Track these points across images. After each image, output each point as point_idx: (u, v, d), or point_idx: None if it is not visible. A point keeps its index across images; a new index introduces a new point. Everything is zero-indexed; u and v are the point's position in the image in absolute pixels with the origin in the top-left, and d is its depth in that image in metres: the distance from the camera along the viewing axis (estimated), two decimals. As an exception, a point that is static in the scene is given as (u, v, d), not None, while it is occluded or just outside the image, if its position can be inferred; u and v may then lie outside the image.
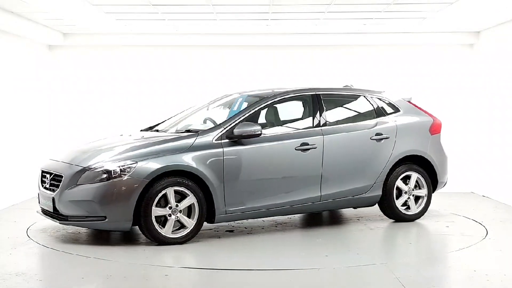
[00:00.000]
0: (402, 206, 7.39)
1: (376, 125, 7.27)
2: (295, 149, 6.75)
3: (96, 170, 6.09)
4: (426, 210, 7.54)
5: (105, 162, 6.16)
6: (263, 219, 7.55)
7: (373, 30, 10.29)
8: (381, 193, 7.22)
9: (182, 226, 6.28)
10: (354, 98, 7.54)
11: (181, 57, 10.84)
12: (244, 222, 7.43)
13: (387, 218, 7.54)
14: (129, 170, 6.05)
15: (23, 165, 9.48)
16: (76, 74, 10.79)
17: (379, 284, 5.00)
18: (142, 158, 6.13)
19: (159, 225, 6.16)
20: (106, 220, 6.01)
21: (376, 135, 7.21)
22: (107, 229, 6.31)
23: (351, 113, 7.78)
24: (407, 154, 7.36)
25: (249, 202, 6.54)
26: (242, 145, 6.53)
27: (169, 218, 6.18)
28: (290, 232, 6.96)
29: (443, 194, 8.94)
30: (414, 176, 7.42)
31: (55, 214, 6.32)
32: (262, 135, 6.64)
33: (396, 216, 7.38)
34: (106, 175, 6.04)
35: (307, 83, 9.62)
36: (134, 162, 6.09)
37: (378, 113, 7.41)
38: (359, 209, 8.15)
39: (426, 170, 7.53)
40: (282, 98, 7.07)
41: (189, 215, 6.28)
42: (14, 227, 7.16)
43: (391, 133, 7.29)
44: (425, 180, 7.48)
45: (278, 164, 6.70)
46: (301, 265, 5.48)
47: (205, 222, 6.47)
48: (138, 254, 6.00)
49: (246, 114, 6.74)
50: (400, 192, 7.37)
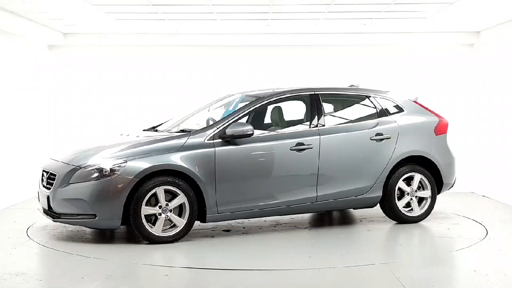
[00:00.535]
0: (405, 207, 7.27)
1: (377, 125, 7.20)
2: (290, 149, 6.73)
3: (87, 169, 6.20)
4: (430, 212, 7.39)
5: (96, 161, 6.26)
6: (265, 219, 7.55)
7: (373, 30, 10.29)
8: (381, 194, 7.13)
9: (174, 225, 6.32)
10: (355, 98, 7.49)
11: (181, 57, 10.83)
12: (243, 222, 7.42)
13: (390, 219, 7.46)
14: (118, 169, 6.13)
15: (23, 165, 9.48)
16: (76, 74, 10.78)
17: (379, 284, 5.00)
18: (132, 158, 6.21)
19: (150, 224, 6.21)
20: (96, 218, 6.11)
21: (376, 135, 7.13)
22: (98, 227, 6.39)
23: (351, 113, 7.75)
24: (410, 155, 7.24)
25: (241, 202, 6.54)
26: (235, 145, 6.54)
27: (159, 217, 6.23)
28: (289, 232, 6.96)
29: (443, 194, 8.92)
30: (417, 177, 7.29)
31: (50, 212, 6.42)
32: (257, 135, 6.67)
33: (397, 217, 7.27)
34: (97, 174, 6.14)
35: (307, 83, 9.62)
36: (124, 161, 6.17)
37: (380, 113, 7.33)
38: (363, 210, 8.08)
39: (431, 171, 7.40)
40: (278, 98, 7.05)
41: (180, 214, 6.32)
42: (14, 227, 7.16)
43: (393, 133, 7.20)
44: (429, 181, 7.34)
45: (271, 164, 6.67)
46: (301, 265, 5.48)
47: (201, 222, 6.51)
48: (138, 254, 6.00)
49: (240, 114, 6.75)
50: (402, 193, 7.27)
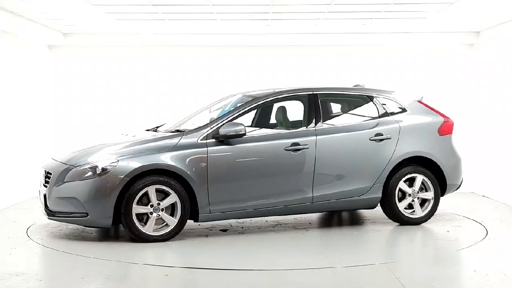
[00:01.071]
0: (407, 209, 7.17)
1: (377, 125, 7.12)
2: (285, 149, 6.70)
3: (80, 168, 6.29)
4: (433, 213, 7.27)
5: (90, 160, 6.35)
6: (266, 219, 7.55)
7: (373, 30, 10.29)
8: (380, 195, 7.04)
9: (166, 224, 6.37)
10: (356, 98, 7.43)
11: (181, 57, 10.83)
12: (244, 221, 7.42)
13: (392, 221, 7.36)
14: (110, 168, 6.20)
15: (23, 165, 9.48)
16: (76, 74, 10.79)
17: (379, 284, 5.00)
18: (124, 157, 6.29)
19: (142, 222, 6.27)
20: (88, 216, 6.21)
21: (376, 136, 7.05)
22: (90, 225, 6.47)
23: (350, 113, 7.72)
24: (411, 156, 7.13)
25: (234, 202, 6.55)
26: (229, 145, 6.55)
27: (150, 216, 6.28)
28: (289, 232, 6.95)
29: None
30: (419, 178, 7.16)
31: (47, 210, 6.51)
32: (252, 135, 6.68)
33: (398, 219, 7.16)
34: (90, 173, 6.23)
35: (307, 83, 9.62)
36: (116, 160, 6.24)
37: (381, 113, 7.24)
38: (365, 211, 8.02)
39: (435, 172, 7.28)
40: (275, 98, 7.04)
41: (173, 214, 6.36)
42: (14, 227, 7.16)
43: (393, 133, 7.11)
44: (431, 182, 7.21)
45: (265, 164, 6.65)
46: (301, 265, 5.47)
47: (194, 222, 6.55)
48: (138, 254, 6.00)
49: (235, 114, 6.75)
50: (404, 194, 7.15)
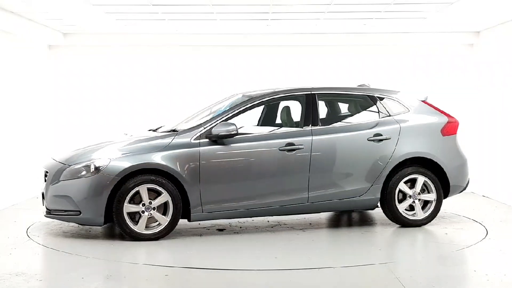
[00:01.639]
0: (408, 210, 7.04)
1: (376, 125, 7.03)
2: (279, 149, 6.68)
3: (75, 167, 6.41)
4: (435, 215, 7.12)
5: (84, 159, 6.46)
6: (268, 220, 7.54)
7: (373, 30, 10.29)
8: (379, 196, 6.94)
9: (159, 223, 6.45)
10: (356, 98, 7.37)
11: (181, 57, 10.83)
12: (244, 221, 7.42)
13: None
14: (102, 167, 6.30)
15: (23, 165, 9.48)
16: (76, 74, 10.79)
17: (379, 284, 5.00)
18: (117, 157, 6.39)
19: (134, 221, 6.35)
20: (81, 214, 6.32)
21: (374, 136, 6.96)
22: (83, 223, 6.56)
23: (349, 113, 7.66)
24: (411, 156, 7.01)
25: (227, 202, 6.56)
26: (223, 145, 6.57)
27: (142, 214, 6.35)
28: (289, 232, 6.95)
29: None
30: (421, 179, 7.02)
31: (46, 208, 6.60)
32: (247, 136, 6.68)
33: (398, 220, 7.03)
34: (84, 172, 6.34)
35: (308, 83, 9.62)
36: (108, 160, 6.33)
37: (382, 113, 7.14)
38: (367, 213, 7.98)
39: (437, 173, 7.14)
40: (271, 98, 7.02)
41: (165, 213, 6.41)
42: (14, 227, 7.17)
43: (393, 134, 7.00)
44: (434, 184, 7.07)
45: (259, 164, 6.65)
46: (301, 265, 5.47)
47: (188, 221, 6.58)
48: (138, 254, 6.01)
49: (229, 114, 6.75)
50: (405, 195, 7.03)
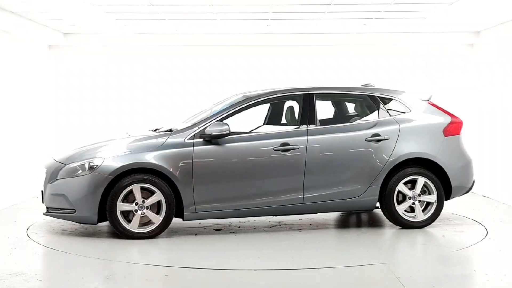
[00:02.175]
0: (408, 212, 6.92)
1: (375, 125, 6.93)
2: (274, 149, 6.65)
3: (71, 166, 6.50)
4: (436, 217, 6.98)
5: (80, 159, 6.54)
6: (269, 220, 7.53)
7: (373, 30, 10.30)
8: (377, 197, 6.83)
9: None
10: (355, 97, 7.33)
11: (181, 57, 10.84)
12: (246, 220, 7.43)
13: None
14: (96, 166, 6.38)
15: (23, 165, 9.48)
16: (76, 74, 10.80)
17: (379, 284, 5.00)
18: (111, 156, 6.46)
19: (128, 220, 6.42)
20: (76, 213, 6.42)
21: (372, 136, 6.85)
22: (77, 221, 6.63)
23: (347, 113, 7.63)
24: (411, 157, 6.88)
25: (220, 201, 6.56)
26: (217, 145, 6.58)
27: (135, 213, 6.41)
28: (289, 232, 6.94)
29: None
30: (421, 180, 6.88)
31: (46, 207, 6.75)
32: (242, 136, 6.69)
33: (398, 222, 6.92)
34: (79, 171, 6.43)
35: (307, 83, 9.62)
36: (102, 159, 6.41)
37: (381, 113, 7.04)
38: (368, 213, 7.92)
39: (439, 174, 6.99)
40: (267, 98, 6.98)
41: (159, 212, 6.46)
42: (14, 227, 7.16)
43: (392, 134, 6.88)
44: (434, 185, 6.93)
45: (253, 164, 6.63)
46: (300, 265, 5.47)
47: (183, 220, 6.62)
48: (138, 254, 6.01)
49: (224, 114, 6.75)
50: (405, 197, 6.91)
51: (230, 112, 6.79)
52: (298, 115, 6.98)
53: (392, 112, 7.08)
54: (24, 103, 9.66)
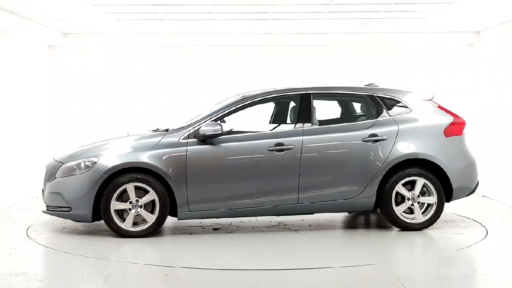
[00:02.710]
0: (408, 213, 6.83)
1: (373, 126, 6.85)
2: (268, 149, 6.63)
3: (68, 165, 6.59)
4: (436, 219, 6.87)
5: (77, 158, 6.62)
6: (270, 220, 7.54)
7: (373, 30, 10.29)
8: (375, 198, 6.74)
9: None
10: (354, 97, 7.29)
11: (180, 57, 10.84)
12: (248, 220, 7.43)
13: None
14: (91, 165, 6.46)
15: (23, 165, 9.48)
16: (76, 74, 10.80)
17: (379, 284, 5.00)
18: (106, 155, 6.54)
19: (122, 219, 6.48)
20: (71, 211, 6.52)
21: (369, 137, 6.78)
22: (73, 219, 6.72)
23: (345, 113, 7.61)
24: (409, 158, 6.78)
25: (214, 201, 6.57)
26: (212, 145, 6.60)
27: (129, 212, 6.47)
28: (289, 232, 6.95)
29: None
30: (420, 181, 6.77)
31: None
32: (236, 136, 6.70)
33: (396, 223, 6.83)
34: (75, 170, 6.53)
35: (307, 83, 9.62)
36: (97, 158, 6.48)
37: (380, 113, 6.95)
38: (370, 214, 7.88)
39: (440, 176, 6.87)
40: (263, 98, 6.95)
41: (153, 211, 6.50)
42: (14, 227, 7.16)
43: (390, 134, 6.79)
44: (434, 186, 6.81)
45: (246, 164, 6.63)
46: (300, 265, 5.47)
47: (178, 219, 6.65)
48: (138, 254, 6.02)
49: (219, 114, 6.76)
50: (404, 198, 6.80)
51: (225, 112, 6.80)
52: (294, 115, 6.96)
53: (392, 112, 6.98)
54: (24, 103, 9.66)
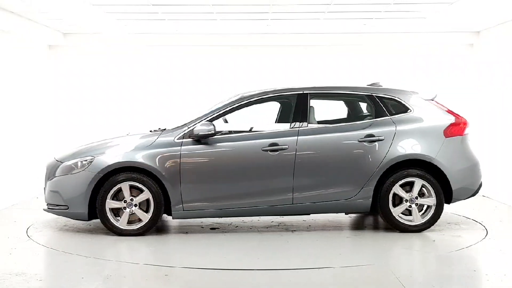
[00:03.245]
0: (406, 215, 6.75)
1: (370, 126, 6.76)
2: (262, 149, 6.62)
3: (66, 164, 6.67)
4: (435, 221, 6.76)
5: (75, 157, 6.70)
6: (272, 220, 7.53)
7: (373, 30, 10.29)
8: (371, 199, 6.65)
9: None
10: (353, 97, 7.21)
11: (180, 57, 10.84)
12: (250, 220, 7.43)
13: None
14: (87, 164, 6.55)
15: (23, 165, 9.48)
16: (76, 74, 10.81)
17: (379, 284, 5.00)
18: (102, 155, 6.62)
19: (118, 217, 6.55)
20: (68, 209, 6.60)
21: (366, 137, 6.69)
22: (71, 217, 6.78)
23: (342, 113, 7.57)
24: (406, 158, 6.67)
25: (208, 201, 6.59)
26: (206, 144, 6.62)
27: (124, 211, 6.54)
28: (288, 233, 6.95)
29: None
30: (418, 183, 6.66)
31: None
32: (231, 136, 6.71)
33: (393, 225, 6.74)
34: (73, 169, 6.61)
35: (307, 83, 9.61)
36: (93, 157, 6.56)
37: (378, 113, 6.85)
38: (369, 215, 7.80)
39: (439, 177, 6.75)
40: (260, 98, 6.92)
41: (148, 209, 6.56)
42: (14, 227, 7.16)
43: (388, 135, 6.69)
44: (433, 188, 6.69)
45: (240, 164, 6.63)
46: (300, 265, 5.48)
47: (173, 218, 6.68)
48: (138, 254, 6.02)
49: (215, 114, 6.78)
50: (402, 199, 6.71)
51: (221, 112, 6.81)
52: (290, 115, 6.93)
53: (390, 112, 6.88)
54: (24, 103, 9.66)
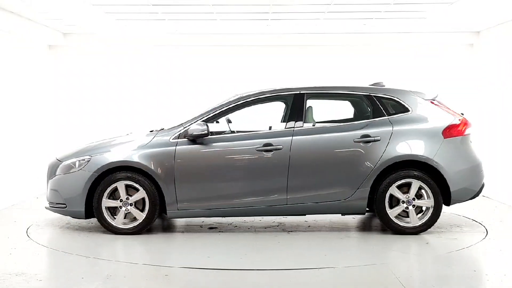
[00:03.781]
0: (403, 217, 6.69)
1: (366, 126, 6.69)
2: (256, 150, 6.62)
3: (65, 164, 6.79)
4: (432, 223, 6.68)
5: (74, 156, 6.81)
6: (273, 220, 7.54)
7: (373, 30, 10.29)
8: (366, 200, 6.60)
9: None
10: (350, 97, 7.16)
11: (180, 57, 10.84)
12: (253, 220, 7.43)
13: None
14: (84, 164, 6.65)
15: (23, 165, 9.48)
16: (76, 74, 10.80)
17: (379, 284, 5.00)
18: (98, 154, 6.70)
19: (114, 216, 6.65)
20: (66, 208, 6.71)
21: (362, 137, 6.64)
22: (69, 215, 6.86)
23: (339, 113, 7.56)
24: (404, 159, 6.58)
25: (202, 200, 6.62)
26: (201, 144, 6.65)
27: (120, 209, 6.63)
28: (288, 233, 6.96)
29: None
30: (416, 184, 6.58)
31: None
32: (226, 136, 6.75)
33: (390, 227, 6.67)
34: (71, 168, 6.73)
35: (307, 83, 9.61)
36: (90, 157, 6.66)
37: (376, 113, 6.77)
38: (369, 215, 7.80)
39: (438, 178, 6.66)
40: (257, 98, 6.91)
41: (143, 209, 6.64)
42: (14, 227, 7.17)
43: (384, 135, 6.61)
44: (431, 189, 6.59)
45: (234, 164, 6.65)
46: (301, 264, 5.48)
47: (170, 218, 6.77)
48: (138, 253, 6.02)
49: (210, 114, 6.80)
50: (398, 201, 6.64)
51: (217, 112, 6.83)
52: (286, 115, 6.97)
53: (388, 112, 6.79)
54: (24, 103, 9.66)
